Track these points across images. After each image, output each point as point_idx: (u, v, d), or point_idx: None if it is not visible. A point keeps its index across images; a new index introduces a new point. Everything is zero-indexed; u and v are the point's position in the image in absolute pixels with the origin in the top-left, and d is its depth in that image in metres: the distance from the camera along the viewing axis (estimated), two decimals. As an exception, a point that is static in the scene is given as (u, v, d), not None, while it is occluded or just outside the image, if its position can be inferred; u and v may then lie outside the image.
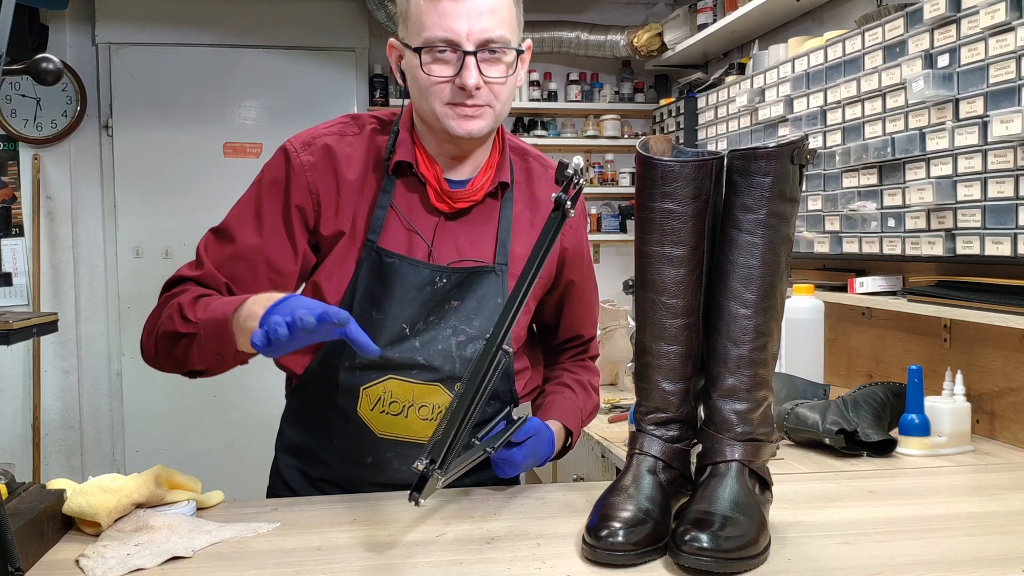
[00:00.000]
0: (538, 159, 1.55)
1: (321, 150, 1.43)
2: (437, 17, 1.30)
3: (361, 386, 1.41)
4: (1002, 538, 1.23)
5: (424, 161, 1.43)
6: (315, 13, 4.35)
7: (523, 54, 1.39)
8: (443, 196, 1.42)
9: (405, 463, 1.43)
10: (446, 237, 1.43)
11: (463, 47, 1.31)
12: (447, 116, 1.35)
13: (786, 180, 1.15)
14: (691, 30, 3.84)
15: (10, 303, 4.13)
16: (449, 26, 1.30)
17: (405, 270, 1.40)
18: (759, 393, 1.18)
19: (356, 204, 1.42)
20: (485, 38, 1.31)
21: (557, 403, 1.54)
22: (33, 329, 3.14)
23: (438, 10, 1.30)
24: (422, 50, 1.32)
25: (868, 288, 2.30)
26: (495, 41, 1.32)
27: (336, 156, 1.43)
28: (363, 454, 1.44)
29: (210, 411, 4.27)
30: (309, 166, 1.42)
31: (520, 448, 1.35)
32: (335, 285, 1.42)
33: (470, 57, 1.31)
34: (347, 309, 1.38)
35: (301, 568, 1.10)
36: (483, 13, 1.30)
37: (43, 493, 1.22)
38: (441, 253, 1.43)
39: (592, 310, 1.64)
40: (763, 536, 1.12)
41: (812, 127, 2.57)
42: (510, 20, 1.35)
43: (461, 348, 1.42)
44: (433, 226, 1.43)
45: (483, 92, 1.34)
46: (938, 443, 1.83)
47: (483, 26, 1.31)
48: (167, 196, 4.28)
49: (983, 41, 1.87)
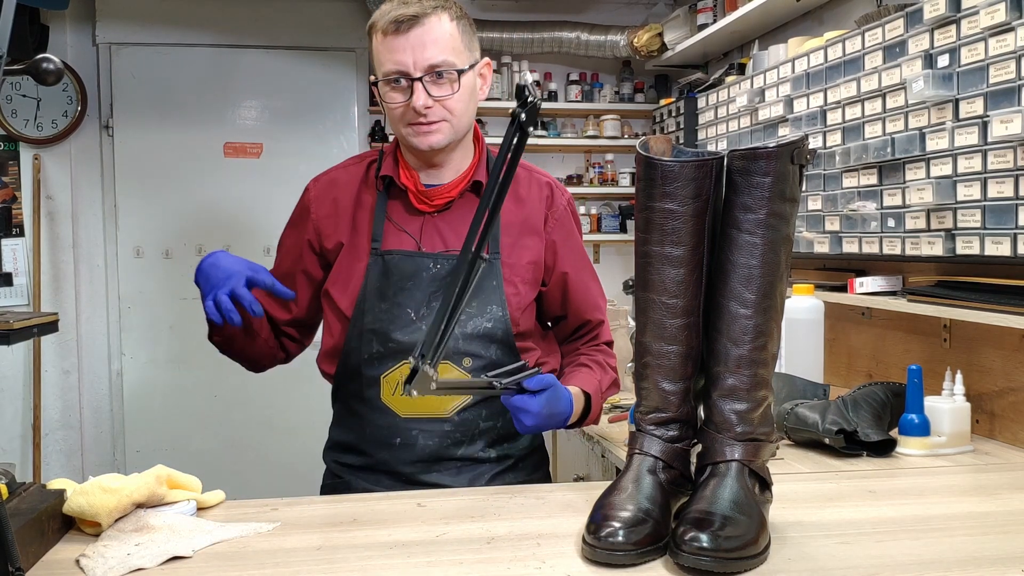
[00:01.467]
0: (522, 164, 1.64)
1: (325, 184, 1.72)
2: (388, 53, 1.54)
3: (381, 375, 1.61)
4: (1002, 538, 1.23)
5: (404, 172, 1.65)
6: (315, 13, 4.35)
7: (478, 70, 1.60)
8: (422, 198, 1.64)
9: (430, 438, 1.61)
10: (432, 232, 1.64)
11: (411, 75, 1.53)
12: (410, 134, 1.58)
13: (786, 180, 1.15)
14: (691, 30, 3.84)
15: (10, 303, 4.14)
16: (398, 59, 1.53)
17: (402, 262, 1.61)
18: (759, 393, 1.18)
19: (353, 217, 1.67)
20: (429, 64, 1.53)
21: (574, 374, 1.66)
22: (33, 329, 3.13)
23: (388, 47, 1.54)
24: (379, 82, 1.57)
25: (868, 288, 2.30)
26: (439, 66, 1.53)
27: (337, 184, 1.71)
28: (392, 436, 1.62)
29: (210, 411, 4.27)
30: (314, 199, 1.71)
31: (535, 397, 1.40)
32: (348, 292, 1.63)
33: (418, 83, 1.53)
34: (360, 307, 1.62)
35: (301, 568, 1.11)
36: (426, 44, 1.52)
37: (43, 493, 1.22)
38: (428, 245, 1.63)
39: (593, 296, 1.77)
40: (763, 536, 1.12)
41: (812, 127, 2.57)
42: (454, 45, 1.55)
43: (463, 325, 1.59)
44: (419, 224, 1.65)
45: (436, 109, 1.55)
46: (938, 443, 1.83)
47: (427, 55, 1.52)
48: (167, 196, 4.28)
49: (983, 41, 1.87)
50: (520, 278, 1.65)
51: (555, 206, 1.71)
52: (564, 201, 1.73)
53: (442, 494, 1.43)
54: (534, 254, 1.67)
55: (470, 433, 1.62)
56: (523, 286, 1.66)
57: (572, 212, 1.75)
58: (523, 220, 1.67)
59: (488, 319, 1.61)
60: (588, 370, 1.68)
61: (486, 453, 1.64)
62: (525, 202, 1.69)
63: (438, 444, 1.61)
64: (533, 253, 1.67)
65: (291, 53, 4.37)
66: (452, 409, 1.61)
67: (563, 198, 1.73)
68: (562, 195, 1.73)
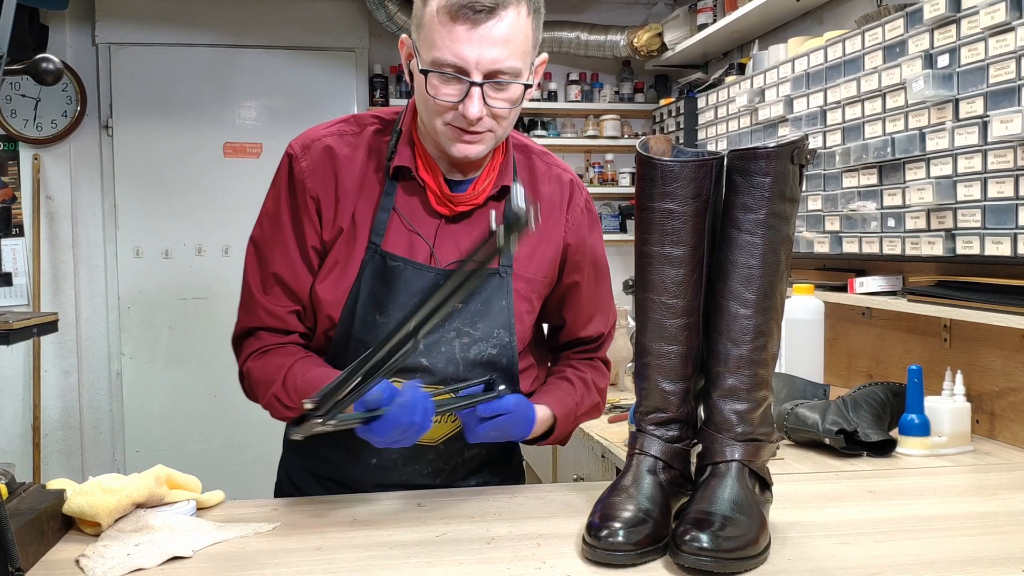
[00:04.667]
0: (542, 156, 1.54)
1: (320, 153, 1.43)
2: (449, 40, 1.26)
3: None
4: (1002, 538, 1.23)
5: (424, 166, 1.42)
6: (315, 13, 4.35)
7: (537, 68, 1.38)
8: (443, 200, 1.41)
9: (410, 464, 1.46)
10: (448, 239, 1.42)
11: (471, 76, 1.28)
12: (447, 136, 1.34)
13: (786, 180, 1.15)
14: (691, 30, 3.84)
15: (10, 303, 4.13)
16: (459, 52, 1.26)
17: (409, 274, 1.39)
18: (759, 393, 1.18)
19: (355, 203, 1.41)
20: (494, 69, 1.28)
21: (553, 390, 1.51)
22: (33, 329, 3.14)
23: (451, 33, 1.26)
24: (429, 70, 1.29)
25: (868, 288, 2.30)
26: (504, 73, 1.29)
27: (336, 157, 1.42)
28: (368, 455, 1.45)
29: (210, 411, 4.27)
30: (308, 172, 1.42)
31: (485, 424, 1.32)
32: (337, 288, 1.41)
33: (476, 88, 1.28)
34: (350, 312, 1.40)
35: (301, 568, 1.10)
36: (496, 42, 1.26)
37: (43, 493, 1.22)
38: (443, 255, 1.41)
39: (601, 308, 1.59)
40: (763, 536, 1.12)
41: (812, 127, 2.57)
42: (524, 48, 1.31)
43: (465, 350, 1.42)
44: (434, 228, 1.42)
45: (485, 120, 1.32)
46: (938, 443, 1.83)
47: (493, 56, 1.27)
48: (167, 196, 4.28)
49: (983, 41, 1.87)
50: (537, 294, 1.48)
51: (573, 207, 1.52)
52: (582, 201, 1.54)
53: (442, 494, 1.43)
54: (551, 266, 1.49)
55: (452, 462, 1.49)
56: (538, 302, 1.50)
57: (591, 213, 1.56)
58: (542, 225, 1.47)
59: (493, 345, 1.44)
60: (570, 387, 1.52)
61: (465, 482, 1.52)
62: (544, 203, 1.49)
63: (417, 472, 1.47)
64: (550, 265, 1.49)
65: (291, 53, 4.37)
66: (440, 438, 1.45)
67: (581, 198, 1.54)
68: (580, 195, 1.54)
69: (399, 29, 4.11)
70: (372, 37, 4.36)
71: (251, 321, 1.45)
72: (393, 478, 1.47)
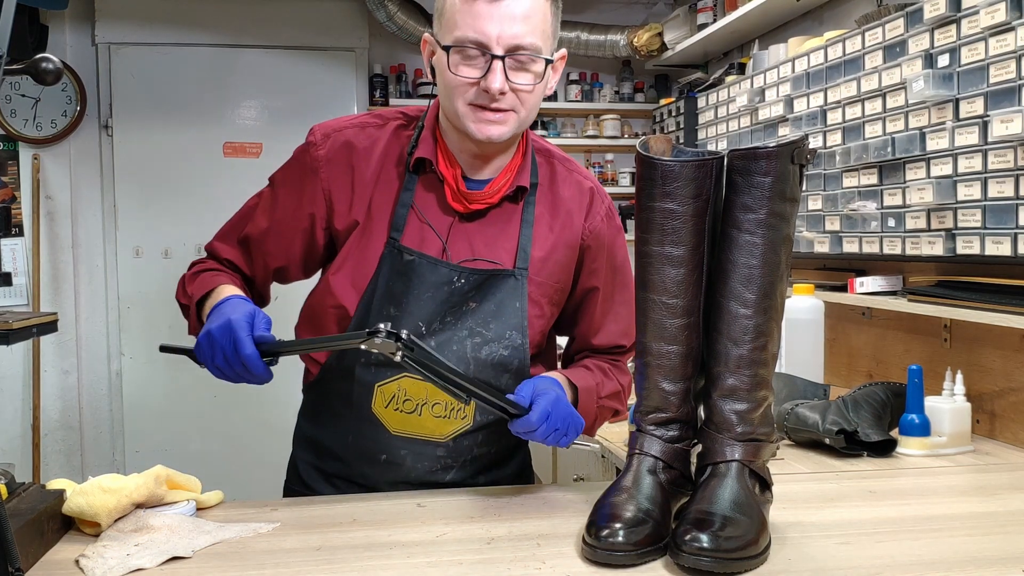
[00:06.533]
0: (564, 161, 1.54)
1: (339, 144, 1.46)
2: (470, 18, 1.31)
3: (376, 383, 1.43)
4: (1002, 538, 1.23)
5: (444, 160, 1.44)
6: (315, 13, 4.35)
7: (554, 63, 1.40)
8: (459, 196, 1.43)
9: (419, 461, 1.46)
10: (460, 237, 1.44)
11: (492, 50, 1.31)
12: (468, 118, 1.36)
13: (786, 180, 1.15)
14: (691, 30, 3.84)
15: (10, 303, 4.13)
16: (480, 28, 1.31)
17: (424, 268, 1.41)
18: (759, 393, 1.18)
19: (372, 196, 1.44)
20: (515, 44, 1.32)
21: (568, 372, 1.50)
22: (33, 329, 3.14)
23: (472, 11, 1.31)
24: (451, 49, 1.33)
25: (868, 288, 2.30)
26: (525, 48, 1.33)
27: (354, 149, 1.45)
28: (377, 451, 1.46)
29: (210, 411, 4.27)
30: (324, 161, 1.46)
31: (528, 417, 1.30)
32: (355, 281, 1.43)
33: (497, 61, 1.31)
34: (366, 307, 1.42)
35: (301, 568, 1.10)
36: (516, 18, 1.31)
37: (43, 493, 1.22)
38: (455, 252, 1.43)
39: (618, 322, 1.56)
40: (763, 536, 1.12)
41: (812, 127, 2.57)
42: (544, 28, 1.35)
43: (476, 350, 1.43)
44: (448, 225, 1.44)
45: (508, 97, 1.34)
46: (938, 443, 1.83)
47: (514, 31, 1.31)
48: (167, 196, 4.28)
49: (983, 41, 1.87)
50: (548, 299, 1.48)
51: (592, 215, 1.51)
52: (603, 209, 1.53)
53: (442, 494, 1.43)
54: (564, 272, 1.50)
55: (462, 459, 1.48)
56: (549, 307, 1.50)
57: (612, 221, 1.55)
58: (559, 230, 1.48)
59: (505, 347, 1.44)
60: (587, 372, 1.51)
61: (475, 480, 1.50)
62: (562, 208, 1.49)
63: (427, 468, 1.46)
64: (563, 271, 1.49)
65: (291, 53, 4.37)
66: (449, 434, 1.45)
67: (603, 206, 1.53)
68: (602, 203, 1.53)
69: (399, 29, 4.12)
70: (372, 37, 4.36)
71: (210, 250, 1.60)
72: (403, 475, 1.47)
